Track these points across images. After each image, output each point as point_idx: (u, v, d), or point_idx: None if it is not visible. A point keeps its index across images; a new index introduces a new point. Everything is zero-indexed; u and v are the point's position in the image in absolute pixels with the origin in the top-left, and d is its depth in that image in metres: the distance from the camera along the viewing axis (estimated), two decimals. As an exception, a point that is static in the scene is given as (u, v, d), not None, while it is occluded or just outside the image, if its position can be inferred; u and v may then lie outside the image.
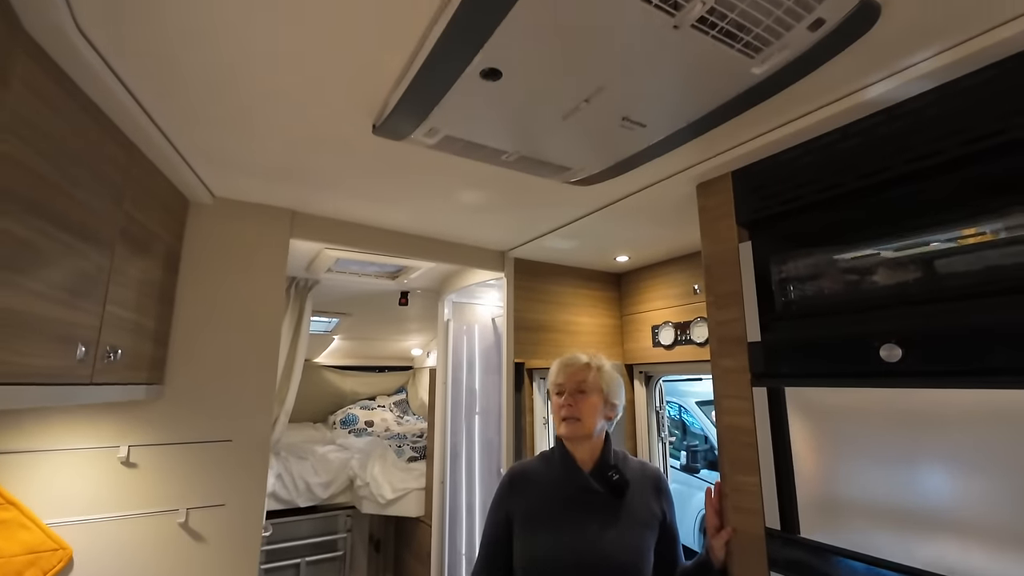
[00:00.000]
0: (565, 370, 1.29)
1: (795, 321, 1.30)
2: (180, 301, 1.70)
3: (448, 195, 1.81)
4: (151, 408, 1.60)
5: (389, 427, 4.74)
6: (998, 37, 0.92)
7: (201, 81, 1.12)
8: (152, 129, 1.28)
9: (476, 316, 3.40)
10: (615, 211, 1.91)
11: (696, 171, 1.54)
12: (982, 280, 0.99)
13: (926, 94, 1.08)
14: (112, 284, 1.25)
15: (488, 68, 0.97)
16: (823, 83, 1.10)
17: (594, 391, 1.25)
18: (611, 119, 1.17)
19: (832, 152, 1.26)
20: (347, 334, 4.78)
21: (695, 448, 4.49)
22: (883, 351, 1.08)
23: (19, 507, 1.37)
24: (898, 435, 1.07)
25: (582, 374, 1.27)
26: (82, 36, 0.95)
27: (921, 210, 1.11)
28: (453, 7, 0.84)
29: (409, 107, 1.12)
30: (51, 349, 1.02)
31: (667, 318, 2.57)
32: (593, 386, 1.26)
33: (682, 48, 0.92)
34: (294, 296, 3.14)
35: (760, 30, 0.88)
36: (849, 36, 0.92)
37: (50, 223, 1.00)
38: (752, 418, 1.34)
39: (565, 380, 1.28)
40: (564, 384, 1.27)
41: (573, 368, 1.28)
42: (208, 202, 1.79)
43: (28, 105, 0.91)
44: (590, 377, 1.27)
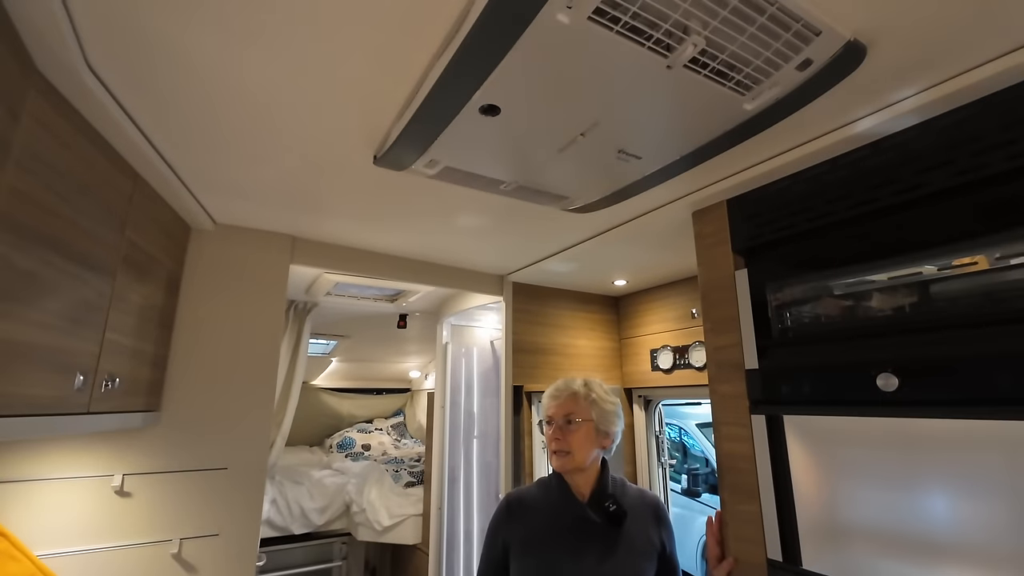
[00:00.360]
0: (554, 400, 1.26)
1: (792, 348, 1.31)
2: (179, 326, 1.70)
3: (447, 221, 1.84)
4: (147, 435, 1.59)
5: (386, 451, 4.69)
6: (977, 77, 0.96)
7: (205, 112, 1.15)
8: (156, 158, 1.31)
9: (475, 339, 3.40)
10: (613, 236, 1.93)
11: (692, 199, 1.57)
12: (973, 310, 1.00)
13: (911, 129, 1.12)
14: (112, 311, 1.25)
15: (487, 104, 1.00)
16: (812, 118, 1.13)
17: (584, 422, 1.21)
18: (607, 151, 1.19)
19: (823, 182, 1.29)
20: (345, 356, 4.76)
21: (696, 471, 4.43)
22: (880, 380, 1.09)
23: (9, 538, 1.34)
24: (899, 463, 1.07)
25: (570, 404, 1.23)
26: (92, 74, 0.98)
27: (911, 239, 1.13)
28: (455, 46, 0.87)
29: (410, 140, 1.15)
30: (49, 379, 1.03)
31: (665, 342, 2.57)
32: (583, 416, 1.22)
33: (675, 86, 0.95)
34: (293, 318, 3.15)
35: (750, 69, 0.91)
36: (836, 75, 0.95)
37: (55, 253, 1.01)
38: (751, 445, 1.34)
39: (554, 412, 1.25)
40: (553, 416, 1.24)
41: (562, 398, 1.25)
42: (209, 228, 1.81)
43: (37, 139, 0.94)
44: (580, 407, 1.23)
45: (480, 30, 0.81)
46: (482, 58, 0.87)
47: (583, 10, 0.77)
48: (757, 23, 0.82)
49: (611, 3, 0.76)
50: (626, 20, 0.79)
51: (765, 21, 0.81)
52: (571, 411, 1.22)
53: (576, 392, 1.24)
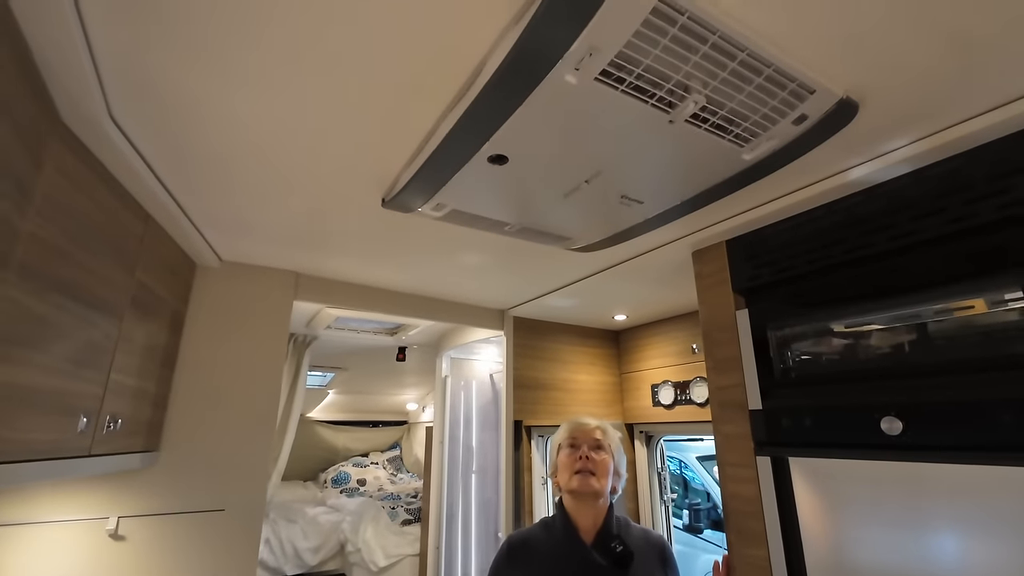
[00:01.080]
0: (583, 427, 1.30)
1: (795, 389, 1.31)
2: (181, 363, 1.70)
3: (451, 259, 1.86)
4: (144, 476, 1.56)
5: (382, 486, 4.59)
6: (963, 131, 1.00)
7: (220, 159, 1.18)
8: (168, 200, 1.33)
9: (474, 372, 3.38)
10: (614, 273, 1.96)
11: (692, 239, 1.60)
12: (973, 354, 1.02)
13: (903, 177, 1.16)
14: (118, 352, 1.25)
15: (496, 154, 1.03)
16: (808, 165, 1.17)
17: (607, 451, 1.26)
18: (610, 197, 1.23)
19: (819, 226, 1.32)
20: (342, 388, 4.72)
21: (698, 507, 4.34)
22: (884, 423, 1.09)
23: (-1, 585, 1.31)
24: (907, 506, 1.06)
25: (597, 433, 1.29)
26: (114, 124, 1.01)
27: (907, 284, 1.15)
28: (467, 102, 0.91)
29: (419, 186, 1.18)
30: (53, 423, 1.02)
31: (666, 377, 2.57)
32: (607, 448, 1.27)
33: (677, 139, 0.98)
34: (292, 351, 3.14)
35: (749, 124, 0.96)
36: (830, 129, 1.00)
37: (67, 296, 1.02)
38: (757, 487, 1.33)
39: (583, 437, 1.28)
40: (579, 438, 1.27)
41: (591, 426, 1.30)
42: (215, 265, 1.83)
43: (57, 187, 0.96)
44: (605, 440, 1.29)
45: (492, 88, 0.85)
46: (493, 113, 0.91)
47: (590, 72, 0.81)
48: (755, 83, 0.86)
49: (616, 65, 0.80)
50: (631, 80, 0.83)
51: (762, 81, 0.86)
52: (600, 440, 1.26)
53: (602, 425, 1.31)
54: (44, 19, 0.75)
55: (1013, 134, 1.00)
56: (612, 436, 1.32)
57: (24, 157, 0.84)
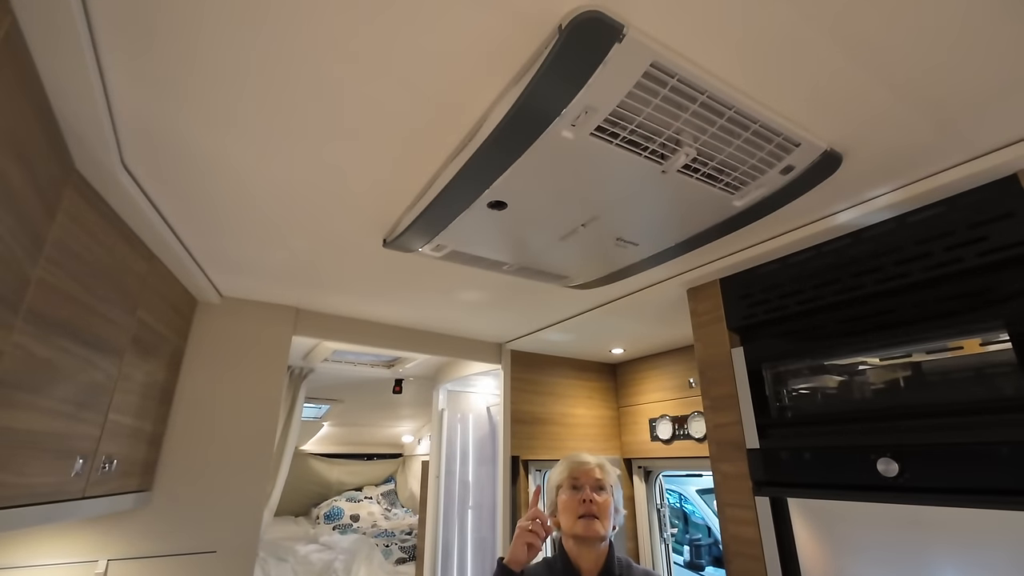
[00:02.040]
0: (581, 466, 1.23)
1: (791, 428, 1.32)
2: (178, 400, 1.69)
3: (449, 295, 1.88)
4: (136, 517, 1.54)
5: (376, 522, 4.49)
6: (941, 181, 1.06)
7: (226, 204, 1.21)
8: (174, 241, 1.36)
9: (470, 405, 3.36)
10: (610, 310, 1.98)
11: (686, 277, 1.63)
12: (966, 396, 1.04)
13: (887, 222, 1.20)
14: (117, 391, 1.26)
15: (495, 200, 1.07)
16: (796, 211, 1.22)
17: (608, 492, 1.19)
18: (606, 239, 1.26)
19: (810, 267, 1.36)
20: (337, 420, 4.66)
21: (699, 542, 4.24)
22: (880, 465, 1.10)
23: (-18, 634, 1.27)
24: (907, 548, 1.06)
25: (598, 472, 1.21)
26: (126, 171, 1.05)
27: (897, 324, 1.18)
28: (468, 154, 0.95)
29: (420, 228, 1.21)
30: (50, 466, 1.01)
31: (664, 411, 2.57)
32: (607, 488, 1.20)
33: (670, 187, 1.03)
34: (288, 384, 3.11)
35: (738, 174, 1.00)
36: (816, 178, 1.04)
37: (71, 340, 1.03)
38: (757, 528, 1.32)
39: (584, 477, 1.20)
40: (581, 479, 1.20)
41: (588, 466, 1.23)
42: (216, 301, 1.84)
43: (69, 234, 0.98)
44: (605, 474, 1.22)
45: (493, 141, 0.89)
46: (493, 164, 0.95)
47: (586, 128, 0.85)
48: (742, 137, 0.90)
49: (611, 122, 0.85)
50: (624, 135, 0.87)
51: (749, 135, 0.90)
52: (600, 478, 1.20)
53: (602, 464, 1.24)
54: (67, 75, 0.79)
55: (988, 184, 1.05)
56: (611, 473, 1.26)
57: (39, 206, 0.86)
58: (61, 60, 0.75)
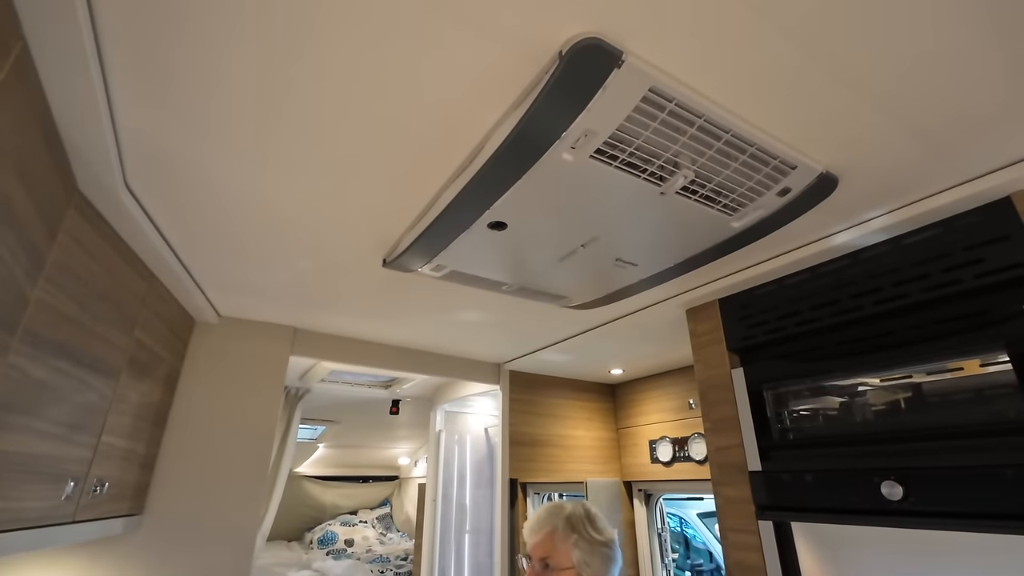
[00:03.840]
0: (532, 535, 1.06)
1: (794, 451, 1.31)
2: (173, 421, 1.67)
3: (448, 316, 1.88)
4: (125, 543, 1.50)
5: (371, 547, 4.39)
6: (936, 203, 1.07)
7: (227, 226, 1.22)
8: (174, 262, 1.36)
9: (468, 426, 3.32)
10: (609, 330, 1.98)
11: (685, 298, 1.63)
12: (967, 420, 1.03)
13: (884, 243, 1.21)
14: (112, 413, 1.24)
15: (495, 221, 1.07)
16: (794, 232, 1.23)
17: (562, 571, 0.99)
18: (605, 260, 1.27)
19: (806, 288, 1.36)
20: (332, 441, 4.60)
21: (700, 568, 4.15)
22: (884, 488, 1.09)
23: (-38, 667, 1.22)
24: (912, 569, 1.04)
25: (547, 544, 1.02)
26: (129, 192, 1.05)
27: (896, 346, 1.18)
28: (468, 175, 0.96)
29: (420, 248, 1.22)
30: (40, 490, 0.99)
31: (664, 432, 2.54)
32: (562, 562, 1.00)
33: (668, 209, 1.04)
34: (284, 405, 3.08)
35: (736, 196, 1.01)
36: (813, 200, 1.05)
37: (67, 360, 1.02)
38: (761, 555, 1.30)
39: (531, 549, 1.05)
40: (531, 553, 1.05)
41: (540, 534, 1.04)
42: (213, 321, 1.83)
43: (69, 254, 0.98)
44: (559, 548, 1.01)
45: (493, 164, 0.90)
46: (494, 185, 0.96)
47: (586, 150, 0.86)
48: (740, 160, 0.92)
49: (610, 145, 0.86)
50: (623, 158, 0.89)
51: (747, 158, 0.91)
52: (548, 553, 1.00)
53: (555, 529, 1.02)
54: (74, 97, 0.80)
55: (982, 206, 1.06)
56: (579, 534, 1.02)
57: (41, 227, 0.86)
58: (69, 82, 0.76)
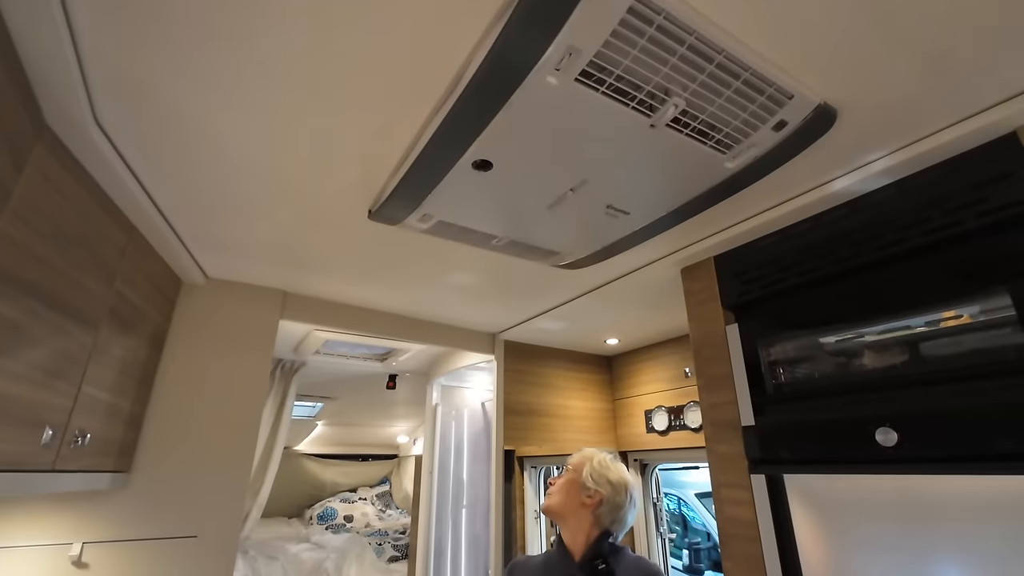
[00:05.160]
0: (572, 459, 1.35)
1: (788, 404, 1.28)
2: (160, 382, 1.65)
3: (439, 278, 1.85)
4: (113, 499, 1.49)
5: (370, 522, 4.42)
6: (940, 140, 1.03)
7: (206, 170, 1.18)
8: (154, 213, 1.33)
9: (465, 400, 3.31)
10: (603, 294, 1.95)
11: (680, 256, 1.60)
12: (966, 363, 1.00)
13: (885, 188, 1.17)
14: (92, 364, 1.21)
15: (480, 160, 1.04)
16: (791, 178, 1.19)
17: (570, 472, 1.29)
18: (596, 207, 1.23)
19: (807, 239, 1.32)
20: (331, 419, 4.60)
21: (698, 546, 4.18)
22: (878, 435, 1.06)
23: (-53, 617, 1.22)
24: (909, 529, 1.02)
25: (570, 460, 1.33)
26: (99, 128, 1.02)
27: (897, 294, 1.15)
28: (448, 106, 0.92)
29: (405, 194, 1.18)
30: (16, 433, 0.97)
31: (660, 402, 2.52)
32: (573, 468, 1.29)
33: (659, 144, 0.99)
34: (279, 378, 3.07)
35: (730, 129, 0.97)
36: (811, 136, 1.01)
37: (41, 303, 0.99)
38: (753, 509, 1.28)
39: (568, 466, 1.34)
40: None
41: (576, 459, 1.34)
42: (201, 283, 1.81)
43: (37, 190, 0.95)
44: (575, 462, 1.31)
45: (474, 91, 0.86)
46: (476, 117, 0.92)
47: (570, 72, 0.82)
48: (733, 86, 0.87)
49: (596, 66, 0.82)
50: (611, 82, 0.85)
51: (740, 85, 0.87)
52: (567, 464, 1.31)
53: (582, 452, 1.34)
54: (31, 17, 0.76)
55: (986, 144, 1.02)
56: (584, 456, 1.31)
57: (5, 157, 0.83)
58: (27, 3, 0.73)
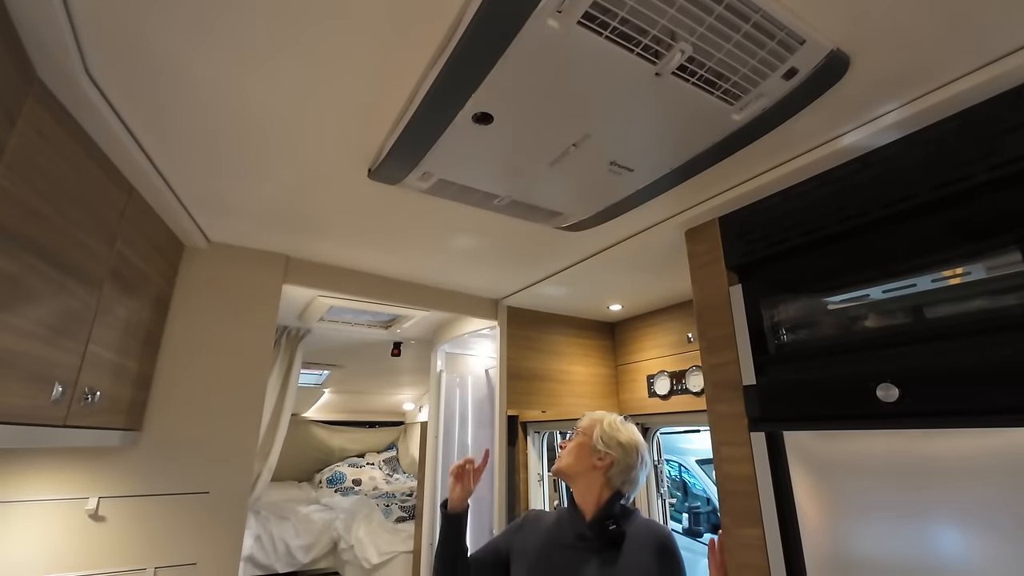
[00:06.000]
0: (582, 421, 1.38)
1: (789, 363, 1.29)
2: (166, 344, 1.67)
3: (442, 241, 1.84)
4: (125, 456, 1.53)
5: (378, 486, 4.54)
6: (953, 91, 0.99)
7: (202, 126, 1.16)
8: (152, 171, 1.31)
9: (469, 367, 3.35)
10: (606, 258, 1.93)
11: (683, 217, 1.58)
12: (971, 319, 0.99)
13: (895, 143, 1.14)
14: (97, 324, 1.23)
15: (480, 112, 1.01)
16: (800, 133, 1.15)
17: (580, 434, 1.32)
18: (599, 163, 1.21)
19: (812, 198, 1.30)
20: (338, 387, 4.68)
21: (697, 510, 4.28)
22: (880, 391, 1.06)
23: (-28, 565, 1.27)
24: (904, 485, 1.02)
25: (581, 423, 1.35)
26: (91, 82, 0.99)
27: (903, 252, 1.13)
28: (446, 56, 0.89)
29: (404, 151, 1.16)
30: (25, 388, 0.99)
31: (662, 367, 2.54)
32: (583, 431, 1.32)
33: (665, 94, 0.96)
34: (285, 346, 3.10)
35: (738, 78, 0.94)
36: (822, 85, 0.98)
37: (40, 259, 0.99)
38: (752, 465, 1.30)
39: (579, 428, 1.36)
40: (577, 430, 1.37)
41: (587, 421, 1.37)
42: (203, 247, 1.81)
43: (31, 145, 0.94)
44: (585, 424, 1.34)
45: (471, 38, 0.83)
46: (474, 66, 0.89)
47: (572, 15, 0.79)
48: (742, 30, 0.84)
49: (600, 8, 0.78)
50: (615, 25, 0.81)
51: (750, 29, 0.84)
52: (578, 427, 1.34)
53: (592, 414, 1.37)
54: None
55: (1000, 94, 0.98)
56: (595, 419, 1.35)
57: (-6, 105, 0.82)
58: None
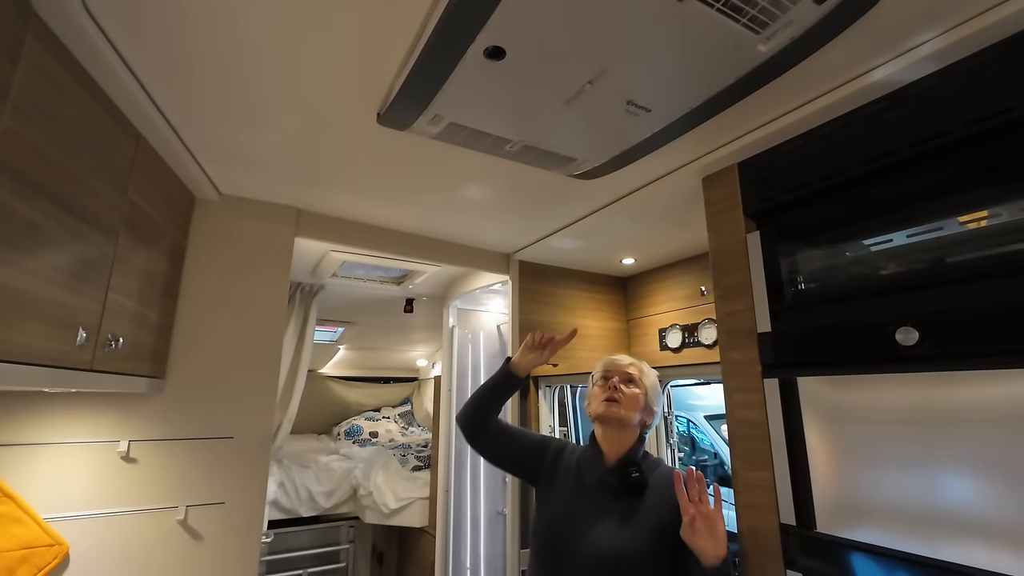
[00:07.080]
0: (614, 363, 1.35)
1: (806, 310, 1.27)
2: (184, 295, 1.70)
3: (453, 191, 1.81)
4: (152, 402, 1.59)
5: (394, 438, 4.69)
6: (993, 18, 0.92)
7: (206, 65, 1.13)
8: (160, 120, 1.30)
9: (481, 323, 3.37)
10: (621, 208, 1.90)
11: (701, 163, 1.53)
12: (996, 261, 0.96)
13: (929, 77, 1.07)
14: (115, 272, 1.24)
15: (492, 47, 0.97)
16: (827, 67, 1.09)
17: (639, 386, 1.30)
18: (616, 103, 1.16)
19: (836, 139, 1.24)
20: (352, 344, 4.77)
21: (704, 463, 4.39)
22: (899, 335, 1.05)
23: (16, 500, 1.35)
24: (919, 431, 1.02)
25: (632, 371, 1.32)
26: (91, 20, 0.97)
27: (929, 193, 1.09)
28: (456, -17, 0.85)
29: (413, 92, 1.12)
30: (51, 332, 1.02)
31: (674, 320, 2.54)
32: (639, 382, 1.30)
33: (687, 23, 0.91)
34: (299, 302, 3.14)
35: (765, 2, 0.88)
36: (854, 12, 0.92)
37: (54, 205, 1.00)
38: (764, 411, 1.31)
39: (616, 371, 1.32)
40: (612, 372, 1.32)
41: (625, 363, 1.34)
42: (214, 199, 1.80)
43: (35, 86, 0.92)
44: (638, 377, 1.32)
45: (483, -41, 0.79)
46: (486, -8, 0.85)
47: (590, -68, 0.74)
48: (772, -52, 0.78)
49: (619, -76, 0.73)
50: (635, -56, 0.76)
51: (781, -54, 0.78)
52: (632, 376, 1.31)
53: (636, 364, 1.35)
54: None
55: (1048, 19, 0.91)
56: (648, 374, 1.34)
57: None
58: None
